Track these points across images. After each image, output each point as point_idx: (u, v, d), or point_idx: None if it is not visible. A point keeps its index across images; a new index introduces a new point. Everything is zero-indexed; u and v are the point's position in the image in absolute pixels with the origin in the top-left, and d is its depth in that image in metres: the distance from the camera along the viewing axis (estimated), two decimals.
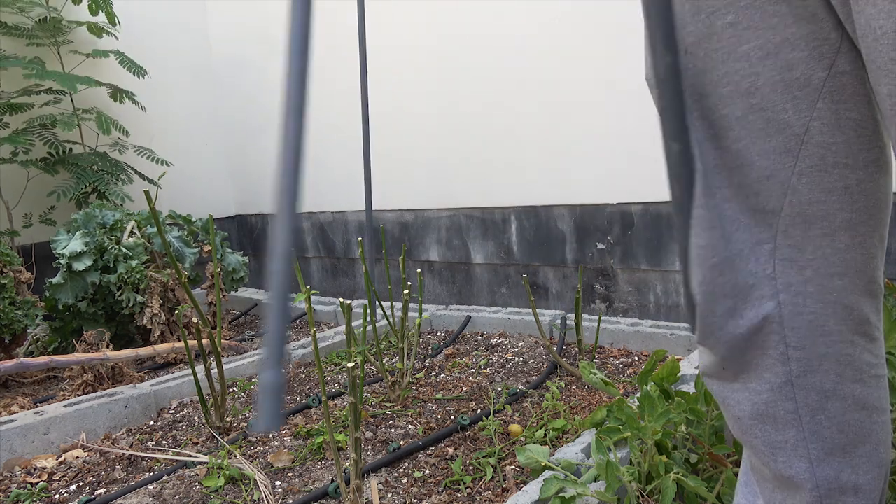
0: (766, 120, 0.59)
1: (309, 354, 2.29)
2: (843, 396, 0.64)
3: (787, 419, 0.65)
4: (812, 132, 0.58)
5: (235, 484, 1.42)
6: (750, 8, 0.57)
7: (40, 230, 2.99)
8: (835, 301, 0.62)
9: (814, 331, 0.63)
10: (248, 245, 3.83)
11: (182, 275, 1.59)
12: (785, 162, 0.60)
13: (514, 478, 1.36)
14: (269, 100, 3.52)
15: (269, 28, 3.42)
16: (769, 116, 0.59)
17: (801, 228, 0.61)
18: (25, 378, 2.26)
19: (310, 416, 1.80)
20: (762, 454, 0.68)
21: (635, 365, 2.01)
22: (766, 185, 0.61)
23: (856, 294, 0.63)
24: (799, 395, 0.64)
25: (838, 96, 0.57)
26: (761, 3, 0.57)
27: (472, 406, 1.79)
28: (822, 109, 0.58)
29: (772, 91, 0.58)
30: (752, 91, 0.59)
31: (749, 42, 0.58)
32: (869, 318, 0.65)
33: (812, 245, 0.61)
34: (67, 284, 2.30)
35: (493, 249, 2.71)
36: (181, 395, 1.96)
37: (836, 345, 0.63)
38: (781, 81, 0.58)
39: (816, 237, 0.61)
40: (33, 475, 1.55)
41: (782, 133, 0.59)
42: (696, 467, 1.22)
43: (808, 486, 0.65)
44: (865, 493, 0.66)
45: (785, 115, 0.58)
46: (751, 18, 0.58)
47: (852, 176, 0.60)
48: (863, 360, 0.65)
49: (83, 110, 3.02)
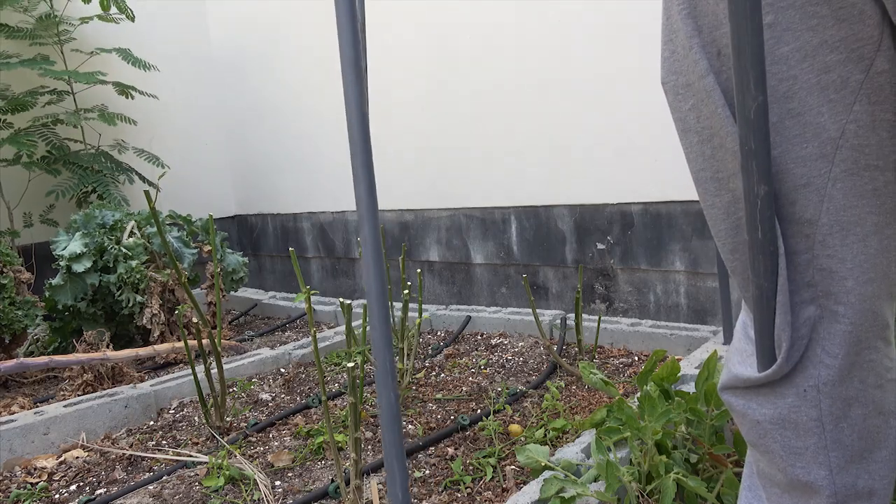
0: (802, 125, 0.58)
1: (309, 354, 2.29)
2: (864, 403, 0.64)
3: (810, 426, 0.64)
4: (847, 135, 0.57)
5: (235, 484, 1.42)
6: (790, 9, 0.56)
7: (40, 230, 2.99)
8: (867, 309, 0.62)
9: (849, 339, 0.62)
10: (247, 245, 3.83)
11: (182, 275, 1.59)
12: (821, 168, 0.58)
13: (514, 478, 1.36)
14: (269, 100, 3.52)
15: (270, 29, 3.42)
16: (806, 121, 0.57)
17: (839, 237, 0.60)
18: (25, 378, 2.26)
19: (310, 416, 1.80)
20: (779, 459, 0.67)
21: (635, 365, 2.01)
22: (802, 193, 0.60)
23: (882, 299, 0.63)
24: (824, 403, 0.63)
25: (875, 97, 0.56)
26: (802, 3, 0.55)
27: (472, 406, 1.79)
28: (859, 112, 0.56)
29: (808, 94, 0.57)
30: (790, 95, 0.57)
31: (788, 44, 0.57)
32: (889, 323, 0.64)
33: (851, 253, 0.60)
34: (67, 286, 2.30)
35: (493, 249, 2.71)
36: (181, 395, 1.96)
37: (864, 352, 0.63)
38: (818, 84, 0.56)
39: (853, 244, 0.60)
40: (33, 475, 1.55)
41: (818, 138, 0.58)
42: (696, 467, 1.21)
43: (826, 493, 0.65)
44: (880, 496, 0.65)
45: (821, 118, 0.57)
46: (790, 20, 0.56)
47: (881, 178, 0.59)
48: (882, 365, 0.64)
49: (85, 109, 3.02)
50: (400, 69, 2.85)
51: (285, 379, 2.10)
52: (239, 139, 3.75)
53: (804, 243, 0.61)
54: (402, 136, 2.90)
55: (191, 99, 3.66)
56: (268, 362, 2.21)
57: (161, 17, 3.50)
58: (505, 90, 2.55)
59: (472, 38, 2.61)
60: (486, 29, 2.56)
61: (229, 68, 3.70)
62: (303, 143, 3.38)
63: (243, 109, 3.67)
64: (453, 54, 2.68)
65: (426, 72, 2.79)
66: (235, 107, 3.71)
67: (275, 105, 3.49)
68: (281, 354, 2.24)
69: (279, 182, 3.58)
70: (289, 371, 2.20)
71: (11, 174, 2.90)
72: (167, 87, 3.49)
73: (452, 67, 2.70)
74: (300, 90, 3.32)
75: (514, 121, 2.55)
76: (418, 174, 2.91)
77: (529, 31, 2.44)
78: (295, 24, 3.26)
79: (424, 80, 2.80)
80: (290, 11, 3.26)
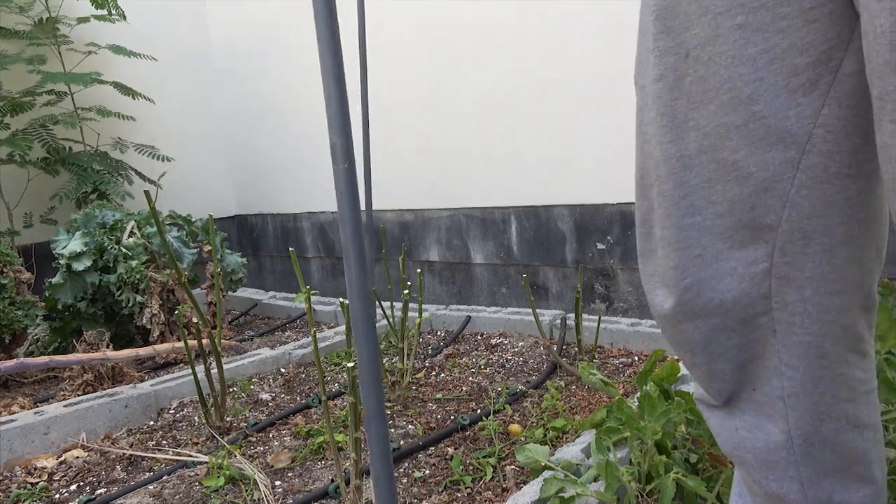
0: (766, 128, 0.57)
1: (309, 354, 2.29)
2: (836, 417, 0.62)
3: (779, 439, 0.63)
4: (815, 140, 0.56)
5: (235, 484, 1.42)
6: (761, 9, 0.55)
7: (40, 230, 2.99)
8: (833, 321, 0.60)
9: (810, 352, 0.61)
10: (247, 245, 3.83)
11: (182, 275, 1.59)
12: (784, 173, 0.57)
13: (514, 478, 1.36)
14: (269, 100, 3.52)
15: (271, 29, 3.42)
16: (770, 124, 0.56)
17: (800, 245, 0.58)
18: (25, 378, 2.26)
19: (310, 416, 1.80)
20: (753, 471, 0.66)
21: (635, 365, 2.01)
22: (763, 198, 0.58)
23: (853, 311, 0.61)
24: (791, 416, 0.62)
25: (847, 101, 0.55)
26: (773, 4, 0.54)
27: (472, 406, 1.79)
28: (828, 116, 0.55)
29: (774, 97, 0.56)
30: (755, 98, 0.56)
31: (756, 45, 0.56)
32: (863, 335, 0.63)
33: (811, 262, 0.59)
34: (67, 285, 2.30)
35: (493, 249, 2.71)
36: (181, 395, 1.96)
37: (833, 365, 0.61)
38: (786, 88, 0.55)
39: (816, 253, 0.58)
40: (33, 475, 1.55)
41: (783, 142, 0.56)
42: (696, 467, 1.22)
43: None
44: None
45: (787, 122, 0.56)
46: (760, 21, 0.55)
47: (853, 186, 0.57)
48: (855, 378, 0.63)
49: (83, 109, 3.03)
50: (400, 69, 2.85)
51: (285, 379, 2.10)
52: (239, 139, 3.75)
53: (763, 250, 0.59)
54: (402, 136, 2.90)
55: (190, 99, 3.66)
56: (268, 362, 2.21)
57: (161, 17, 3.50)
58: (505, 90, 2.55)
59: (472, 38, 2.61)
60: (486, 29, 2.56)
61: (229, 68, 3.70)
62: (303, 143, 3.38)
63: (243, 109, 3.67)
64: (453, 54, 2.68)
65: (426, 72, 2.79)
66: (236, 107, 3.71)
67: (275, 105, 3.50)
68: (281, 354, 2.24)
69: (279, 182, 3.58)
70: (289, 371, 2.20)
71: (11, 174, 2.90)
72: (167, 86, 3.49)
73: (452, 67, 2.70)
74: (300, 90, 3.32)
75: (514, 121, 2.55)
76: (418, 174, 2.91)
77: (529, 31, 2.44)
78: (295, 24, 3.26)
79: (424, 80, 2.80)
80: (290, 11, 3.26)
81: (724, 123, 0.58)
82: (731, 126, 0.58)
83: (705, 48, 0.58)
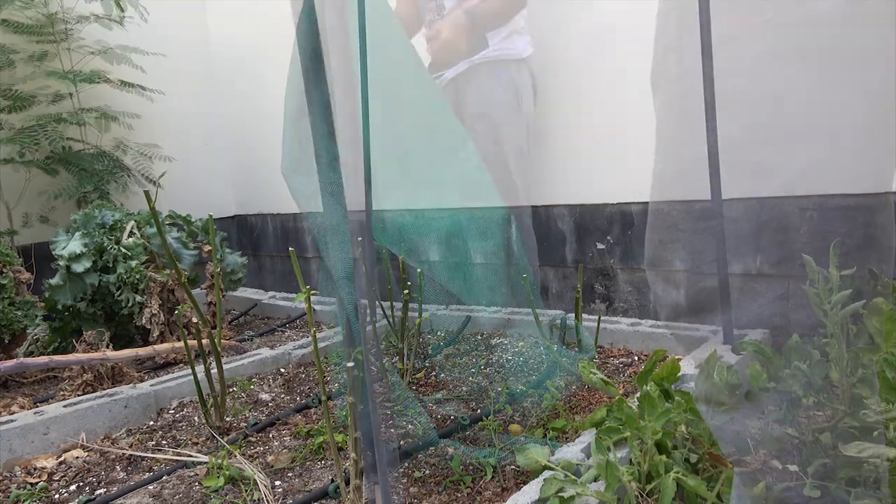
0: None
1: (309, 354, 2.29)
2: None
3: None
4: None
5: (235, 484, 1.42)
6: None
7: (40, 230, 2.99)
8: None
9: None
10: (247, 245, 3.83)
11: (181, 275, 1.59)
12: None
13: (514, 478, 1.36)
14: (269, 100, 3.52)
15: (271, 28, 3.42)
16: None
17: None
18: (25, 378, 2.26)
19: (310, 416, 1.80)
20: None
21: (635, 365, 2.01)
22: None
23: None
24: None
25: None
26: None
27: (472, 406, 1.79)
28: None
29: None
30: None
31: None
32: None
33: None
34: (66, 286, 2.30)
35: (493, 249, 2.71)
36: (181, 395, 1.96)
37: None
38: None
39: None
40: (33, 475, 1.55)
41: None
42: (696, 467, 1.21)
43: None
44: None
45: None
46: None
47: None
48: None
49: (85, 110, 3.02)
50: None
51: (285, 379, 2.10)
52: (239, 139, 3.75)
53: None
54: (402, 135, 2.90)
55: (191, 99, 3.66)
56: (268, 362, 2.21)
57: (161, 17, 3.50)
58: None
59: None
60: None
61: (229, 68, 3.70)
62: None
63: (243, 109, 3.67)
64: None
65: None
66: (235, 107, 3.71)
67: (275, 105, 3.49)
68: (281, 354, 2.24)
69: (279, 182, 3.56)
70: (289, 371, 2.19)
71: (11, 174, 2.90)
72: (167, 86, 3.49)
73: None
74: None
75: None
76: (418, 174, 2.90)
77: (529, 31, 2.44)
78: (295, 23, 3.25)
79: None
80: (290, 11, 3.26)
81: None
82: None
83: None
